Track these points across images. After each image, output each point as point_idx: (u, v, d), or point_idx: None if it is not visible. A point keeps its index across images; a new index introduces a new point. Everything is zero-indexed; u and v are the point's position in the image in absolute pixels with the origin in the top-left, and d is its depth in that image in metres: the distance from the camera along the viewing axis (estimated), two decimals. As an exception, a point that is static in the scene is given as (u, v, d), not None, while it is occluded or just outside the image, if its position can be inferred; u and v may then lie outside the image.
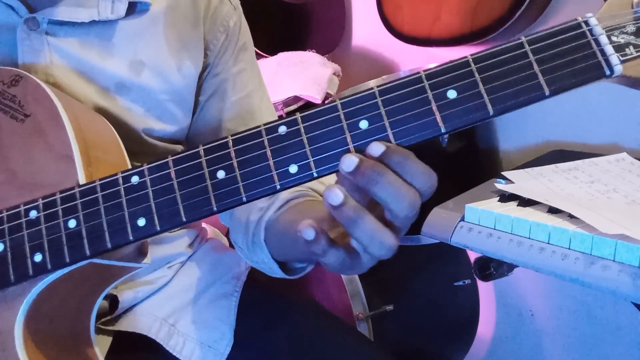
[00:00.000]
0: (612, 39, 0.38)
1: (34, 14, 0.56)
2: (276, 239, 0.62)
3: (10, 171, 0.48)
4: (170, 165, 0.43)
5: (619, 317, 1.10)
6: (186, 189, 0.42)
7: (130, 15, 0.60)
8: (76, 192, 0.45)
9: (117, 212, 0.43)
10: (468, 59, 0.39)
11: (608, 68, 0.38)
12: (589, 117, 1.05)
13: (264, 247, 0.63)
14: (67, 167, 0.47)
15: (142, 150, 0.64)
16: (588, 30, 0.38)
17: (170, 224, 0.43)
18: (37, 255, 0.45)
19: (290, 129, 0.41)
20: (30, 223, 0.45)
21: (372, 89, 0.40)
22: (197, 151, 0.42)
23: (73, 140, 0.48)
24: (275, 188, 0.41)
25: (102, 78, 0.60)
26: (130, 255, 0.51)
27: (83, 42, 0.59)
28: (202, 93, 0.70)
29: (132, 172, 0.44)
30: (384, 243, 0.39)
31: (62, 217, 0.45)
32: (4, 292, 0.46)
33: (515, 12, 1.00)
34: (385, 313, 1.16)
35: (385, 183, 0.38)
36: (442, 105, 0.39)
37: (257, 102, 0.73)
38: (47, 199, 0.45)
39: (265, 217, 0.64)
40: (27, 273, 0.45)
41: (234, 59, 0.71)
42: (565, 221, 0.61)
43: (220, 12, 0.69)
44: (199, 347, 0.69)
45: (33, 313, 0.46)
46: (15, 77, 0.51)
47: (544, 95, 0.38)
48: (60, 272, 0.45)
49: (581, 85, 0.38)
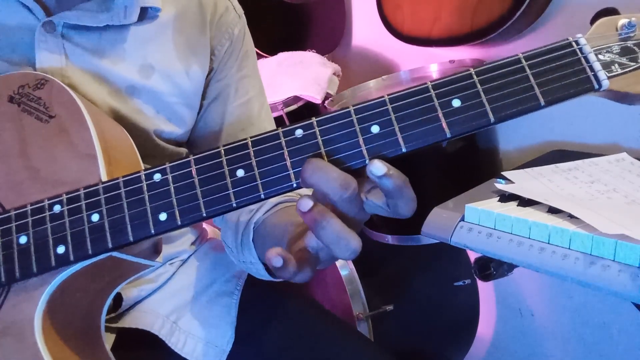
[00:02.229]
0: (600, 57, 0.43)
1: (50, 18, 0.58)
2: (262, 240, 0.63)
3: (34, 169, 0.50)
4: (192, 164, 0.45)
5: (619, 317, 1.10)
6: (207, 185, 0.44)
7: (142, 20, 0.63)
8: (100, 188, 0.47)
9: (139, 207, 0.45)
10: (471, 72, 0.43)
11: (597, 82, 0.43)
12: (589, 117, 1.05)
13: (251, 248, 0.64)
14: (89, 165, 0.49)
15: (152, 153, 0.66)
16: (578, 49, 0.43)
17: (191, 218, 0.45)
18: (60, 247, 0.46)
19: (307, 132, 0.43)
20: (54, 217, 0.47)
21: (383, 97, 0.43)
22: (218, 151, 0.44)
23: (96, 140, 0.50)
24: (292, 186, 0.43)
25: (114, 81, 0.62)
26: (146, 252, 0.53)
27: (96, 46, 0.61)
28: (205, 97, 0.72)
29: (154, 170, 0.46)
30: (349, 244, 0.41)
31: (86, 211, 0.46)
32: (25, 283, 0.48)
33: (515, 12, 1.00)
34: (385, 313, 1.17)
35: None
36: (447, 113, 0.42)
37: (256, 109, 0.75)
38: (71, 194, 0.47)
39: (254, 218, 0.65)
40: (49, 264, 0.46)
41: (237, 66, 0.73)
42: (565, 221, 0.61)
43: (226, 20, 0.71)
44: (201, 344, 0.70)
45: (52, 304, 0.48)
46: (40, 81, 0.54)
47: (540, 105, 0.42)
48: (80, 264, 0.47)
49: (573, 97, 0.43)
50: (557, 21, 1.06)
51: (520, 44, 1.13)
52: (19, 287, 0.48)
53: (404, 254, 1.28)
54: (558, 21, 1.06)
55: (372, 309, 1.15)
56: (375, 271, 1.28)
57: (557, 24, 1.06)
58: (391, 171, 0.40)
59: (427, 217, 0.74)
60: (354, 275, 1.17)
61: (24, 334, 0.46)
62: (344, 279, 1.16)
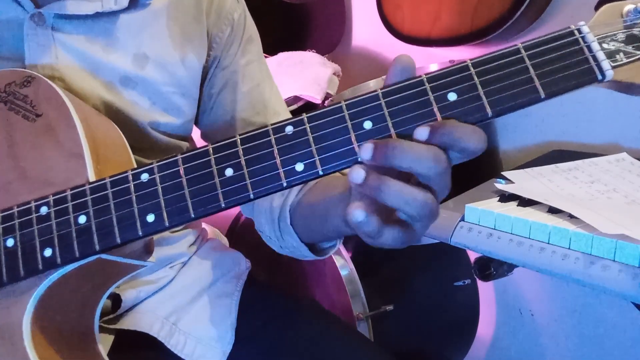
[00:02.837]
0: (604, 46, 0.41)
1: (39, 9, 0.57)
2: (303, 221, 0.63)
3: (21, 169, 0.49)
4: (180, 163, 0.44)
5: (619, 317, 1.10)
6: (195, 186, 0.43)
7: (133, 7, 0.61)
8: (86, 189, 0.46)
9: (126, 208, 0.44)
10: (467, 63, 0.41)
11: (600, 73, 0.40)
12: (589, 117, 1.05)
13: (292, 232, 0.64)
14: (77, 165, 0.48)
15: (149, 146, 0.65)
16: (581, 37, 0.41)
17: (179, 220, 0.44)
18: (47, 250, 0.45)
19: (297, 128, 0.42)
20: (40, 219, 0.46)
21: (376, 91, 0.41)
22: (206, 149, 0.43)
23: (83, 139, 0.49)
24: (282, 185, 0.42)
25: (107, 72, 0.61)
26: (137, 253, 0.52)
27: (88, 37, 0.60)
28: (213, 86, 0.71)
29: (141, 170, 0.45)
30: (417, 200, 0.39)
31: (73, 213, 0.46)
32: (13, 287, 0.47)
33: (515, 12, 1.00)
34: (385, 313, 1.17)
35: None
36: (443, 107, 0.40)
37: (267, 92, 0.74)
38: (57, 195, 0.46)
39: (288, 200, 0.64)
40: (37, 268, 0.46)
41: (241, 52, 0.72)
42: (565, 221, 0.61)
43: (224, 6, 0.70)
44: (201, 345, 0.70)
45: (41, 308, 0.47)
46: (27, 78, 0.53)
47: (540, 98, 0.40)
48: (69, 267, 0.46)
49: (575, 89, 0.40)
50: (557, 21, 1.06)
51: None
52: (8, 290, 0.47)
53: (404, 254, 1.28)
54: (558, 21, 1.06)
55: (372, 309, 1.15)
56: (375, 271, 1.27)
57: (558, 24, 1.06)
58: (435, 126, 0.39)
59: (427, 217, 0.74)
60: (354, 275, 1.17)
61: (14, 338, 0.45)
62: (344, 279, 1.16)
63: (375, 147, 0.39)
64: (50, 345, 0.47)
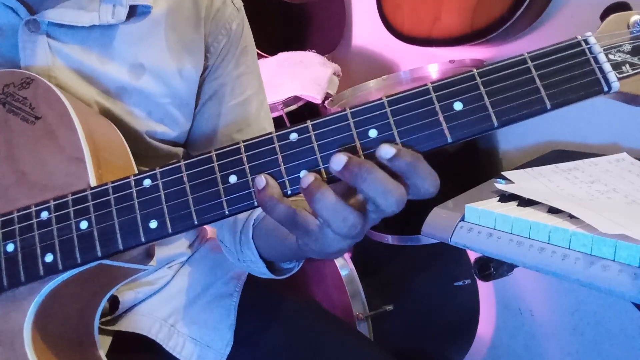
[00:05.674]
0: (610, 57, 0.40)
1: (34, 16, 0.56)
2: (264, 237, 0.62)
3: (20, 172, 0.49)
4: (183, 169, 0.43)
5: (619, 317, 1.10)
6: (198, 192, 0.43)
7: (131, 19, 0.60)
8: (88, 194, 0.45)
9: (129, 214, 0.44)
10: (474, 73, 0.41)
11: (606, 85, 0.40)
12: (589, 117, 1.05)
13: (251, 245, 0.63)
14: (77, 169, 0.48)
15: (146, 153, 0.64)
16: (587, 48, 0.41)
17: (182, 226, 0.43)
18: (48, 256, 0.45)
19: (302, 136, 0.42)
20: (41, 224, 0.46)
21: (382, 99, 0.41)
22: (210, 156, 0.43)
23: (84, 143, 0.48)
24: (287, 193, 0.41)
25: (103, 81, 0.60)
26: (139, 257, 0.51)
27: (83, 46, 0.58)
28: (200, 96, 0.69)
29: (144, 176, 0.44)
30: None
31: (74, 218, 0.45)
32: (13, 292, 0.46)
33: (515, 12, 1.00)
34: (385, 313, 1.17)
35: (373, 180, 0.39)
36: (448, 117, 0.40)
37: (255, 108, 0.71)
38: (58, 200, 0.46)
39: (253, 214, 0.64)
40: (37, 273, 0.45)
41: (234, 63, 0.70)
42: (565, 221, 0.61)
43: (223, 15, 0.68)
44: (199, 347, 0.69)
45: (42, 313, 0.46)
46: (25, 80, 0.52)
47: (546, 108, 0.40)
48: (70, 272, 0.46)
49: (581, 100, 0.40)
50: (557, 21, 1.06)
51: (520, 44, 1.13)
52: (8, 295, 0.46)
53: (404, 254, 1.28)
54: (559, 21, 1.06)
55: (372, 309, 1.15)
56: (375, 271, 1.28)
57: (558, 24, 1.06)
58: (401, 151, 0.39)
59: (427, 217, 0.74)
60: (354, 275, 1.17)
61: (15, 344, 0.45)
62: (344, 279, 1.16)
63: (347, 163, 0.39)
64: (50, 350, 0.47)
